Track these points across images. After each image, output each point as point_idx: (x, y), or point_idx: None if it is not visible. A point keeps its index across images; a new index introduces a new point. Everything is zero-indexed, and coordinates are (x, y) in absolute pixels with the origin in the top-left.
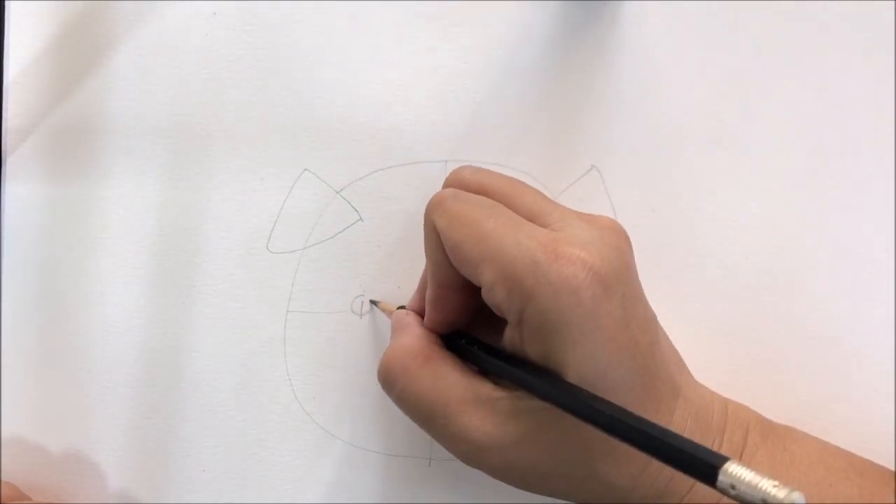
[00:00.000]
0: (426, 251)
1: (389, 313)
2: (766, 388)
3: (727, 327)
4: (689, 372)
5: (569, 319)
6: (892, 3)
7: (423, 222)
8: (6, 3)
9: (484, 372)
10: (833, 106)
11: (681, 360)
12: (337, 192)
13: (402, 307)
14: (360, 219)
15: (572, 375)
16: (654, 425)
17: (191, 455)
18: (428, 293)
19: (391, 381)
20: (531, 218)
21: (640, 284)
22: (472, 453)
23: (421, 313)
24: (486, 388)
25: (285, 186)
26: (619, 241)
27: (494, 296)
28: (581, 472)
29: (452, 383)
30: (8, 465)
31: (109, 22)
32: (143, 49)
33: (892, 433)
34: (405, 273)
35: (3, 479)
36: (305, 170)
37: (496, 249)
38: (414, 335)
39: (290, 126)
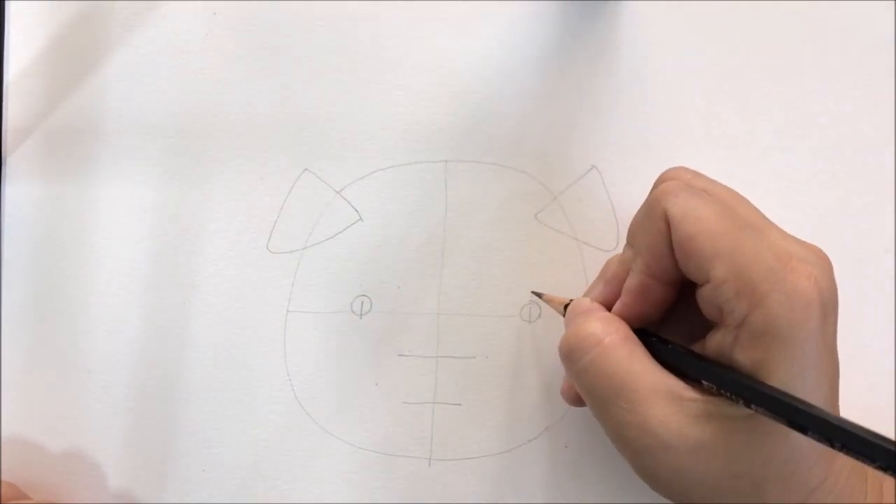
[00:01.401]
0: (643, 238)
1: (560, 304)
2: None
3: None
4: None
5: (795, 332)
6: (892, 3)
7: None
8: (6, 3)
9: (674, 372)
10: (833, 106)
11: None
12: (337, 192)
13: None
14: (360, 219)
15: (777, 387)
16: (881, 436)
17: (191, 455)
18: (630, 281)
19: (580, 351)
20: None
21: None
22: (647, 448)
23: (606, 305)
24: (679, 386)
25: (285, 186)
26: (832, 272)
27: (720, 294)
28: (749, 490)
29: (647, 368)
30: (8, 464)
31: (109, 22)
32: (144, 49)
33: (892, 433)
34: (405, 273)
35: (3, 478)
36: (305, 170)
37: (733, 248)
38: (608, 317)
39: (290, 126)
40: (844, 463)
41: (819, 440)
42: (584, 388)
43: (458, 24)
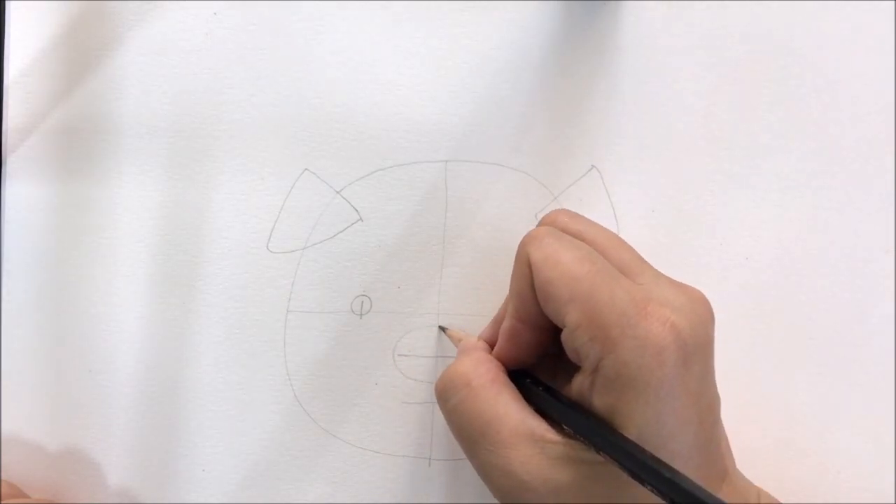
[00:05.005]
0: (513, 283)
1: (457, 340)
2: (766, 388)
3: (727, 327)
4: (733, 459)
5: (647, 378)
6: (892, 3)
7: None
8: (6, 3)
9: (543, 414)
10: (833, 106)
11: (729, 446)
12: (337, 192)
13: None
14: (360, 219)
15: (633, 434)
16: (715, 498)
17: (191, 455)
18: (504, 325)
19: (450, 391)
20: (624, 273)
21: (713, 363)
22: (509, 489)
23: (491, 344)
24: (541, 428)
25: (285, 186)
26: (706, 315)
27: (575, 339)
28: None
29: (511, 411)
30: (8, 463)
31: (110, 22)
32: (144, 49)
33: (892, 433)
34: (405, 273)
35: (3, 477)
36: (305, 170)
37: (587, 293)
38: (482, 358)
39: (290, 126)
40: (732, 494)
41: (654, 493)
42: (453, 427)
43: (458, 24)
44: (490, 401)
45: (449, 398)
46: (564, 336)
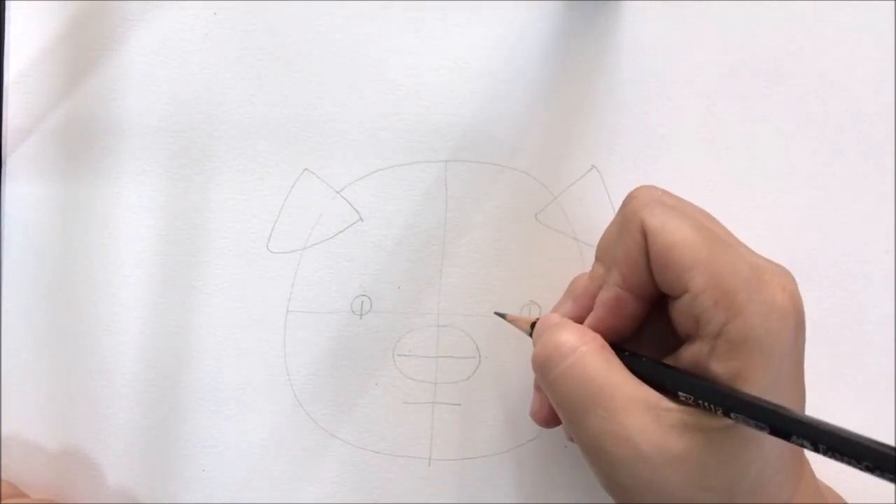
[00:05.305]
0: (619, 251)
1: (525, 323)
2: None
3: None
4: None
5: (772, 342)
6: (892, 3)
7: (417, 221)
8: (6, 3)
9: (649, 384)
10: (833, 106)
11: None
12: (337, 192)
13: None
14: (360, 219)
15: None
16: (864, 437)
17: (191, 455)
18: (605, 294)
19: (556, 358)
20: None
21: None
22: (623, 459)
23: (575, 320)
24: (654, 395)
25: (285, 186)
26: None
27: (698, 304)
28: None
29: (625, 378)
30: (7, 463)
31: (110, 22)
32: (144, 49)
33: (892, 433)
34: (405, 273)
35: (3, 477)
36: (305, 170)
37: (711, 259)
38: (580, 328)
39: (290, 126)
40: (810, 482)
41: (802, 444)
42: (559, 397)
43: (458, 24)
44: (601, 367)
45: (554, 366)
46: (683, 303)
